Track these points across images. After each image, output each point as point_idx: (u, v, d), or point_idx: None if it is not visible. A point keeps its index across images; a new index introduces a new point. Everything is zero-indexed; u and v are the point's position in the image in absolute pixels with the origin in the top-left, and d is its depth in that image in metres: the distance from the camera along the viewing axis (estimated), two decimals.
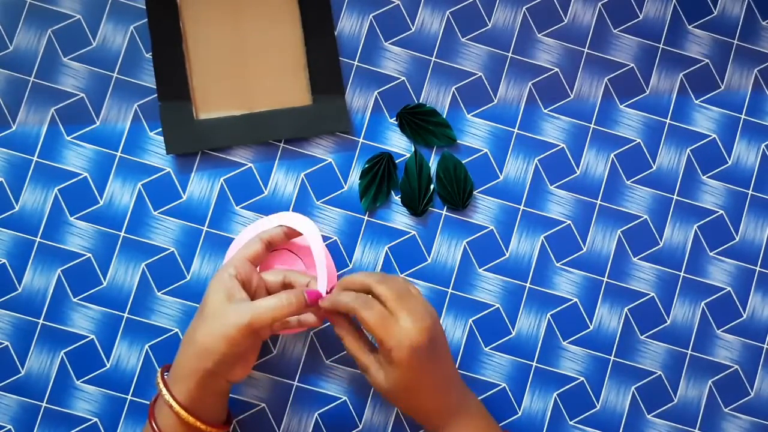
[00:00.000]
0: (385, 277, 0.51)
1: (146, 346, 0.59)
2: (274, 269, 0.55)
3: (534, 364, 0.60)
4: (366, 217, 0.61)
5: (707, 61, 0.63)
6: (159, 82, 0.60)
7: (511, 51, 0.63)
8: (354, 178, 0.61)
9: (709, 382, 0.61)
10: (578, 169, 0.62)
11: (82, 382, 0.59)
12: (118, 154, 0.61)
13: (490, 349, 0.60)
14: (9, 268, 0.59)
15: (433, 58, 0.62)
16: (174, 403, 0.48)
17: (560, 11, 0.63)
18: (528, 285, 0.61)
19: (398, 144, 0.62)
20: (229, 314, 0.47)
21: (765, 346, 0.61)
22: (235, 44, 0.61)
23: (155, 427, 0.49)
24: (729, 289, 0.62)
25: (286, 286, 0.53)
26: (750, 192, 0.62)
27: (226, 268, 0.50)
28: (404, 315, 0.48)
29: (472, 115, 0.62)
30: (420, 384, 0.49)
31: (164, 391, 0.49)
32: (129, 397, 0.59)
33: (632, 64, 0.63)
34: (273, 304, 0.48)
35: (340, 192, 0.61)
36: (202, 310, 0.49)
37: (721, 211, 0.62)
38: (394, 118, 0.62)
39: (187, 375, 0.48)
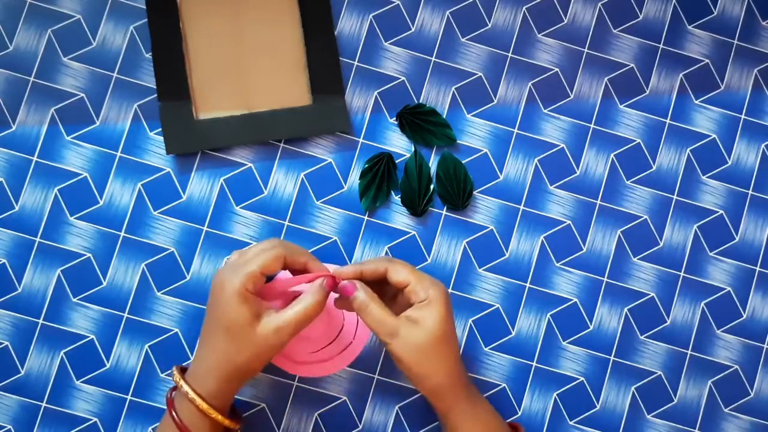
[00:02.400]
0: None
1: (146, 346, 0.59)
2: (278, 276, 0.55)
3: (534, 364, 0.60)
4: (366, 217, 0.61)
5: (707, 61, 0.63)
6: (159, 82, 0.60)
7: (511, 51, 0.63)
8: (354, 178, 0.61)
9: (709, 382, 0.61)
10: (578, 169, 0.62)
11: (82, 382, 0.59)
12: (118, 154, 0.61)
13: (490, 349, 0.60)
14: (9, 268, 0.59)
15: (433, 58, 0.62)
16: (200, 401, 0.48)
17: (560, 11, 0.63)
18: (528, 285, 0.61)
19: (398, 144, 0.62)
20: (264, 336, 0.47)
21: (765, 346, 0.61)
22: (235, 44, 0.61)
23: (176, 417, 0.49)
24: (729, 289, 0.62)
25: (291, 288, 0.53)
26: (750, 192, 0.62)
27: (242, 282, 0.48)
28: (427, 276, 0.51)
29: (472, 115, 0.62)
30: (452, 333, 0.49)
31: (186, 388, 0.49)
32: (129, 397, 0.59)
33: (632, 64, 0.63)
34: (299, 311, 0.48)
35: (340, 192, 0.61)
36: (228, 326, 0.48)
37: (721, 211, 0.62)
38: (394, 118, 0.62)
39: (215, 382, 0.49)
